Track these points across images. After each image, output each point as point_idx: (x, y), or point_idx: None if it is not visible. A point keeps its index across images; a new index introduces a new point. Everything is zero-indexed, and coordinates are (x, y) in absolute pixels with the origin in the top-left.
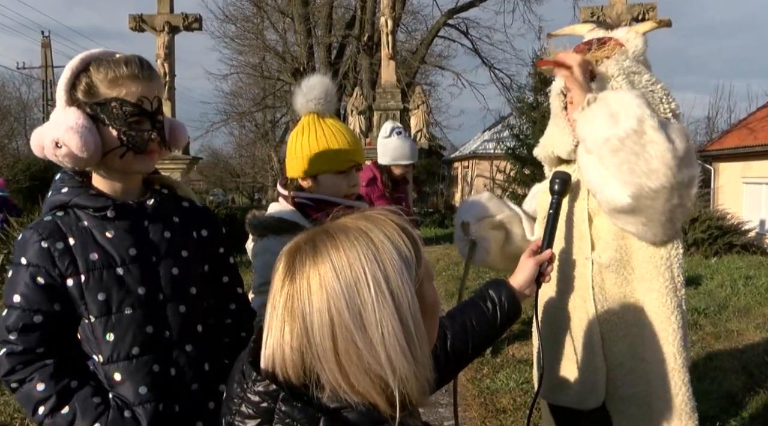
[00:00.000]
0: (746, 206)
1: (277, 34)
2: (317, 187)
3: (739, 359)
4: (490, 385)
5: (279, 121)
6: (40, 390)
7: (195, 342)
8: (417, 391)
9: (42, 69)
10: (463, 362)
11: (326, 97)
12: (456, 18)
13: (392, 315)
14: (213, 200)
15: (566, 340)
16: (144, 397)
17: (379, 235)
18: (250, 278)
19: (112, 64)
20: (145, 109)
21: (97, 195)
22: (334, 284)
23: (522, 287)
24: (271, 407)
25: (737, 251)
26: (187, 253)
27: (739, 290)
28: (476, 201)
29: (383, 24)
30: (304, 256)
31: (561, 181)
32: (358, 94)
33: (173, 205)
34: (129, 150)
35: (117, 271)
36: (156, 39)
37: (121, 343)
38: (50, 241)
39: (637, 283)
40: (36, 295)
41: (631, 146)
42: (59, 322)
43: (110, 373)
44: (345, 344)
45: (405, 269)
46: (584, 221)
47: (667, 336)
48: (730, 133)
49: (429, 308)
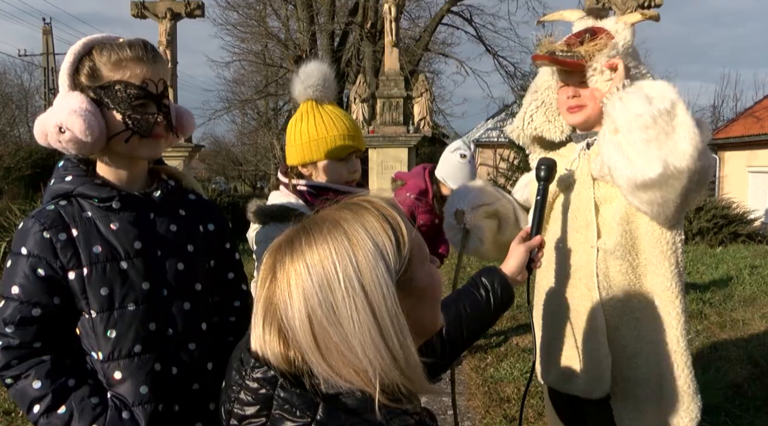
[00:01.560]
0: (752, 195)
1: (279, 21)
2: (318, 175)
3: (744, 349)
4: (494, 374)
5: (281, 109)
6: (36, 387)
7: (198, 340)
8: (401, 381)
9: (43, 56)
10: (459, 349)
11: (324, 83)
12: (460, 5)
13: (364, 310)
14: (215, 188)
15: (571, 329)
16: (144, 397)
17: (354, 226)
18: (252, 267)
19: (116, 47)
20: (150, 91)
21: (102, 184)
22: (308, 282)
23: (514, 274)
24: (270, 393)
25: (742, 240)
26: (192, 247)
27: (744, 280)
28: (471, 189)
29: (386, 11)
30: (283, 255)
31: (546, 167)
32: (361, 82)
33: (179, 197)
34: (134, 134)
35: (121, 265)
36: (158, 26)
37: (123, 340)
38: (52, 232)
39: (643, 267)
40: (35, 287)
41: (663, 125)
42: (58, 317)
43: (110, 372)
44: (324, 340)
45: (381, 261)
46: (591, 210)
47: (671, 320)
48: (736, 122)
49: (422, 292)
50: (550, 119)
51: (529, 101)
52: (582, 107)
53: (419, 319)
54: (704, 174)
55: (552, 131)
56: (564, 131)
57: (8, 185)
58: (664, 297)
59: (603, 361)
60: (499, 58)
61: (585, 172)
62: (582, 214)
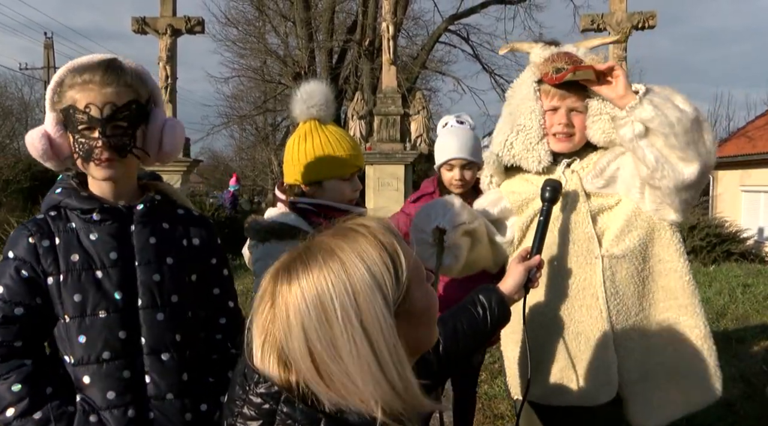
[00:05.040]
0: (745, 214)
1: (278, 38)
2: (321, 193)
3: (737, 367)
4: (488, 390)
5: (279, 125)
6: (14, 390)
7: (172, 351)
8: (402, 408)
9: (44, 70)
10: (455, 366)
11: (326, 103)
12: (457, 24)
13: (361, 343)
14: (213, 203)
15: (572, 340)
16: (112, 402)
17: (350, 255)
18: (249, 281)
19: (78, 69)
20: (93, 116)
21: (88, 197)
22: (305, 313)
23: (511, 292)
24: (273, 408)
25: (735, 259)
26: (172, 260)
27: (737, 298)
28: (447, 207)
29: (384, 29)
30: (281, 282)
31: (552, 188)
32: (359, 99)
33: (166, 211)
34: (79, 157)
35: (96, 274)
36: (158, 41)
37: (92, 346)
38: (37, 238)
39: (649, 268)
40: (19, 287)
41: (696, 129)
42: (38, 319)
43: (79, 375)
44: (326, 371)
45: (378, 291)
46: (588, 223)
47: (695, 308)
48: (729, 141)
49: (419, 315)
50: (528, 147)
51: (510, 126)
52: (570, 136)
53: (416, 339)
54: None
55: (529, 160)
56: (541, 161)
57: (7, 197)
58: (686, 289)
59: (611, 367)
60: (495, 77)
61: (574, 188)
62: (580, 228)
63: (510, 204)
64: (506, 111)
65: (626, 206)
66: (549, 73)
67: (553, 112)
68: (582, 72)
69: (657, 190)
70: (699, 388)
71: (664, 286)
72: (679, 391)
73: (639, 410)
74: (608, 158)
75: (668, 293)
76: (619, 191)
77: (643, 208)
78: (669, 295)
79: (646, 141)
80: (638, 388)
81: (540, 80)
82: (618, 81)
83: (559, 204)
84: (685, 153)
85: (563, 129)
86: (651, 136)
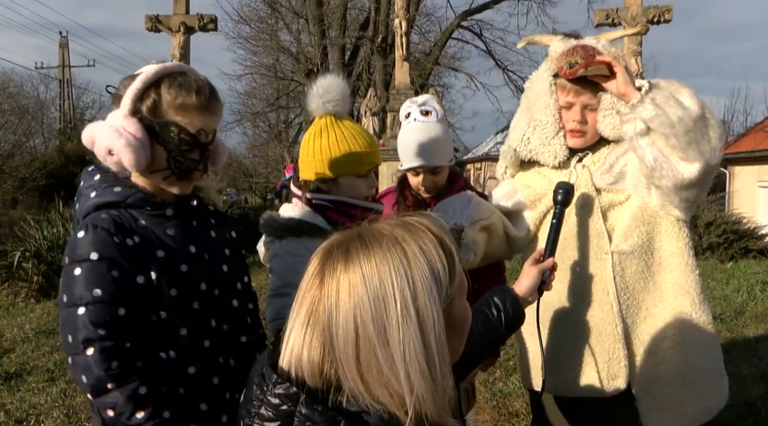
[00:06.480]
0: (762, 210)
1: (291, 35)
2: (336, 189)
3: (757, 366)
4: (503, 388)
5: (292, 122)
6: (141, 393)
7: (247, 334)
8: (434, 410)
9: (59, 68)
10: (470, 367)
11: (343, 98)
12: (470, 20)
13: (415, 334)
14: (226, 200)
15: (583, 335)
16: (216, 387)
17: (413, 247)
18: (263, 278)
19: (184, 89)
20: (200, 141)
21: (151, 194)
22: (363, 295)
23: (526, 294)
24: (291, 410)
25: (754, 256)
26: (228, 251)
27: (756, 296)
28: (467, 203)
29: (397, 25)
30: (335, 261)
31: (564, 191)
32: (372, 96)
33: (205, 207)
34: (172, 174)
35: (182, 268)
36: (171, 39)
37: (194, 337)
38: (119, 236)
39: (657, 265)
40: (116, 287)
41: (700, 128)
42: (136, 318)
43: (184, 368)
44: (367, 356)
45: (435, 287)
46: (599, 219)
47: (695, 308)
48: (746, 136)
49: (457, 326)
50: (545, 142)
51: (526, 121)
52: (583, 133)
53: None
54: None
55: (546, 155)
56: (557, 156)
57: (23, 195)
58: (697, 286)
59: (621, 361)
60: (508, 73)
61: (585, 184)
62: (590, 224)
63: (524, 198)
64: (524, 104)
65: (634, 202)
66: (563, 67)
67: (568, 109)
68: (594, 68)
69: (658, 188)
70: (710, 392)
71: (673, 281)
72: (690, 396)
73: (650, 412)
74: (617, 154)
75: (679, 289)
76: (629, 187)
77: (650, 203)
78: (680, 291)
79: (647, 139)
80: (649, 388)
81: (556, 74)
82: (617, 77)
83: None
84: (686, 153)
85: (577, 126)
86: (652, 134)
